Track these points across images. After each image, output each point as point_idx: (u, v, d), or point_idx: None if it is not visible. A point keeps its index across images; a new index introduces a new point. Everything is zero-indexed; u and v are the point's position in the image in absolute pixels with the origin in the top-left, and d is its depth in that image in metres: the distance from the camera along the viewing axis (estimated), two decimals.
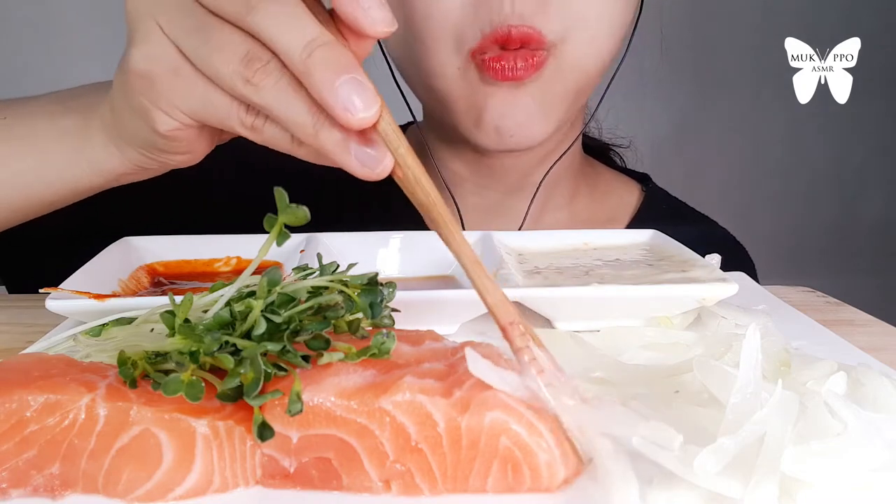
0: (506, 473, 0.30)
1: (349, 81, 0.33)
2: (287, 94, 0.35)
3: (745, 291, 0.48)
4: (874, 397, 0.36)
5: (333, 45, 0.34)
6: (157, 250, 0.54)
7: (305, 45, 0.34)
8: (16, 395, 0.30)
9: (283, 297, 0.33)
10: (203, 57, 0.37)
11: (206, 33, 0.36)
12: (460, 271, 0.54)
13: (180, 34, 0.38)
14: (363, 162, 0.35)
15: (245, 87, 0.36)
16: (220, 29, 0.36)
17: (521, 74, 0.58)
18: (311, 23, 0.35)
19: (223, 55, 0.36)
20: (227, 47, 0.36)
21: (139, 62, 0.39)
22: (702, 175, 1.86)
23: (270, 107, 0.36)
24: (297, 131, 0.36)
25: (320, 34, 0.34)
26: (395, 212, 0.75)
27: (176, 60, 0.38)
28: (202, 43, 0.37)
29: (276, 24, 0.35)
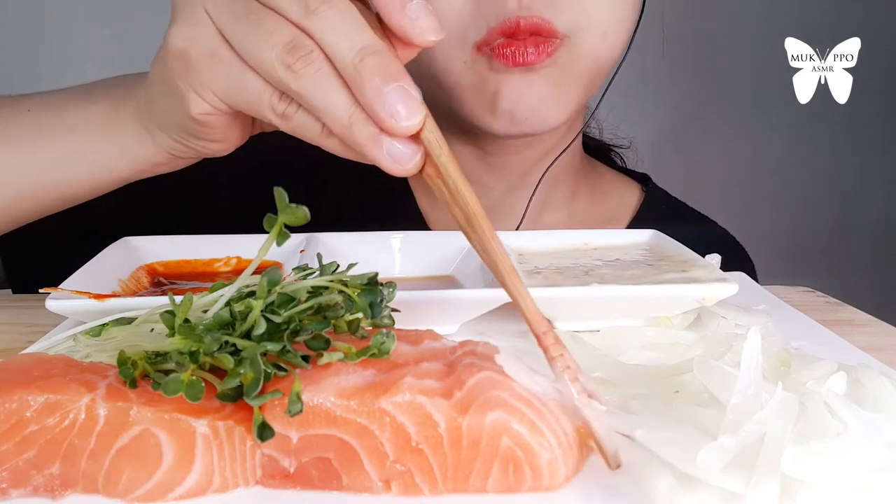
0: (507, 473, 0.30)
1: (397, 90, 0.34)
2: (326, 85, 0.36)
3: (745, 291, 0.48)
4: (874, 397, 0.36)
5: (385, 53, 0.35)
6: (157, 250, 0.54)
7: (358, 51, 0.35)
8: (16, 395, 0.30)
9: (283, 297, 0.33)
10: (246, 40, 0.37)
11: (254, 19, 0.37)
12: (460, 271, 0.55)
13: (226, 18, 0.38)
14: (394, 157, 0.35)
15: (285, 73, 0.36)
16: (270, 17, 0.36)
17: (533, 59, 0.58)
18: (366, 30, 0.35)
19: (268, 40, 0.36)
20: (273, 33, 0.36)
21: (178, 42, 0.39)
22: (702, 175, 1.86)
23: (308, 95, 0.36)
24: (332, 122, 0.36)
25: (373, 42, 0.35)
26: (395, 212, 0.76)
27: (215, 43, 0.38)
28: (248, 27, 0.37)
29: (333, 28, 0.35)
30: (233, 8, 0.38)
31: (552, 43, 0.58)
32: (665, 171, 0.94)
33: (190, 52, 0.39)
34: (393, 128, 0.34)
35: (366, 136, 0.35)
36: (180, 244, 0.54)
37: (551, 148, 0.70)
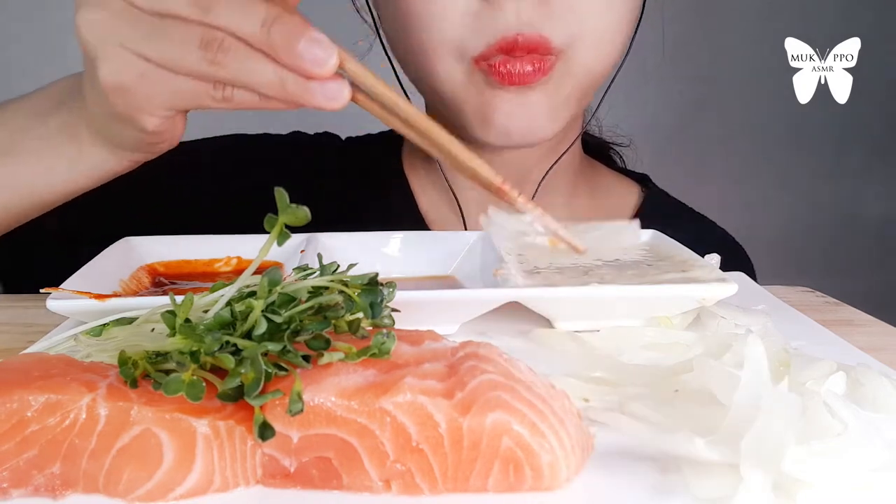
0: (507, 474, 0.30)
1: (308, 42, 0.39)
2: (248, 63, 0.40)
3: (744, 291, 0.48)
4: (874, 397, 0.36)
5: (282, 16, 0.39)
6: (158, 250, 0.54)
7: (261, 26, 0.39)
8: (16, 394, 0.30)
9: (284, 297, 0.33)
10: (165, 54, 0.41)
11: (161, 34, 0.41)
12: (460, 271, 0.55)
13: (139, 42, 0.42)
14: (327, 97, 0.40)
15: (210, 67, 0.41)
16: (173, 26, 0.41)
17: (531, 78, 0.58)
18: (258, 4, 0.39)
19: (183, 47, 0.41)
20: (184, 39, 0.40)
21: (108, 77, 0.43)
22: (702, 174, 1.86)
23: (237, 77, 0.41)
24: (266, 90, 0.41)
25: (268, 12, 0.39)
26: (395, 212, 0.76)
27: (140, 66, 0.42)
28: (161, 43, 0.41)
29: (230, 14, 0.39)
30: (140, 30, 0.41)
31: (548, 60, 0.58)
32: (665, 170, 0.94)
33: (124, 83, 0.43)
34: (318, 74, 0.39)
35: (298, 89, 0.40)
36: (181, 244, 0.54)
37: (551, 148, 0.70)
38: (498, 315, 0.47)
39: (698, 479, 0.30)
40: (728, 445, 0.30)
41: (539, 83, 0.59)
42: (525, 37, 0.56)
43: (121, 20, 0.42)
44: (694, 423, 0.33)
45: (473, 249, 0.55)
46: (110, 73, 0.43)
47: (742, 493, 0.28)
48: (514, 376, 0.32)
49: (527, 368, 0.33)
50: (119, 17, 0.42)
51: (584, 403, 0.37)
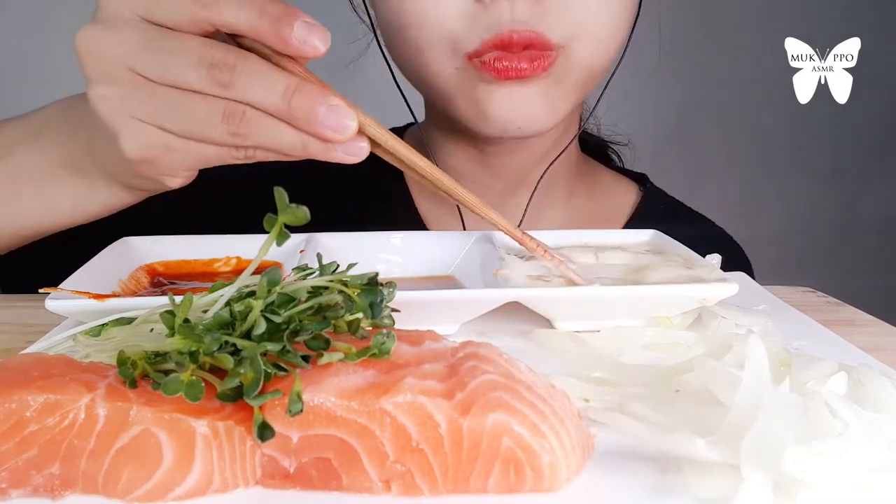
0: (508, 474, 0.30)
1: (328, 112, 0.40)
2: (270, 131, 0.41)
3: (745, 291, 0.48)
4: (875, 397, 0.36)
5: (301, 86, 0.40)
6: (157, 250, 0.54)
7: (282, 97, 0.40)
8: (15, 395, 0.30)
9: (283, 297, 0.33)
10: (188, 127, 0.42)
11: (182, 108, 0.41)
12: (460, 271, 0.55)
13: (159, 117, 0.42)
14: (348, 154, 0.42)
15: (234, 139, 0.42)
16: (193, 101, 0.41)
17: (528, 73, 0.58)
18: (276, 75, 0.40)
19: (206, 121, 0.41)
20: (206, 113, 0.41)
21: (132, 151, 0.44)
22: (701, 174, 1.86)
23: (259, 144, 0.42)
24: (288, 151, 0.42)
25: (288, 82, 0.40)
26: (395, 212, 0.76)
27: (163, 138, 0.43)
28: (181, 117, 0.42)
29: (250, 87, 0.40)
30: (159, 105, 0.42)
31: (547, 56, 0.58)
32: (665, 170, 0.94)
33: (148, 156, 0.44)
34: (338, 140, 0.41)
35: (320, 150, 0.42)
36: (180, 244, 0.54)
37: (549, 148, 0.70)
38: (498, 315, 0.47)
39: (698, 479, 0.30)
40: (728, 445, 0.30)
41: (537, 77, 0.59)
42: (519, 34, 0.56)
43: (137, 95, 0.42)
44: (694, 423, 0.33)
45: (473, 249, 0.55)
46: (133, 147, 0.43)
47: (742, 494, 0.28)
48: (515, 377, 0.32)
49: (527, 369, 0.33)
50: (135, 91, 0.42)
51: (584, 403, 0.37)
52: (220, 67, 0.40)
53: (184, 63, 0.40)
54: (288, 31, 0.39)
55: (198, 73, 0.40)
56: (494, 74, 0.58)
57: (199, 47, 0.40)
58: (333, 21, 0.51)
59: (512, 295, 0.46)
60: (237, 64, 0.40)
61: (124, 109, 0.43)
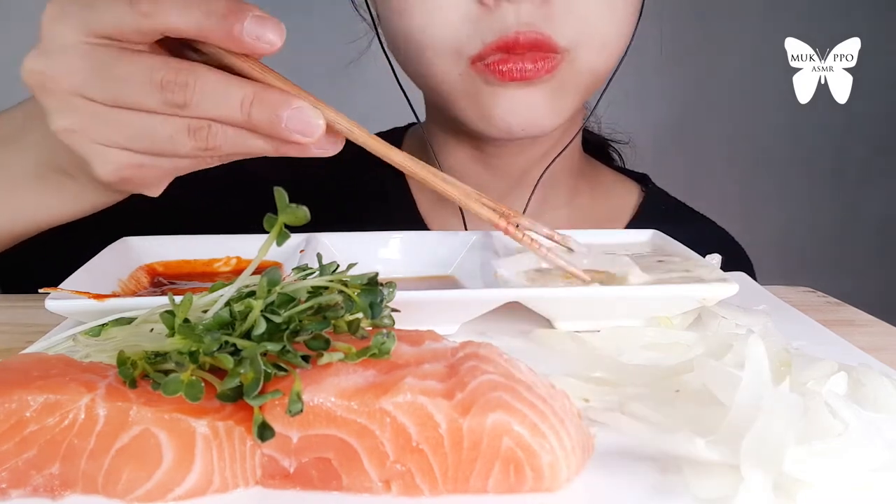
0: (508, 474, 0.30)
1: (292, 117, 0.39)
2: (238, 139, 0.41)
3: (745, 291, 0.48)
4: (875, 397, 0.36)
5: (260, 93, 0.39)
6: (157, 250, 0.54)
7: (240, 108, 0.39)
8: (15, 395, 0.29)
9: (283, 297, 0.33)
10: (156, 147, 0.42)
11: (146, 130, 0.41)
12: (460, 271, 0.55)
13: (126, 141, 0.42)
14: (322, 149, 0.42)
15: (205, 153, 0.42)
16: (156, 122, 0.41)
17: (532, 75, 0.57)
18: (233, 85, 0.39)
19: (173, 139, 0.41)
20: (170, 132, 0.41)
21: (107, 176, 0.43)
22: (702, 174, 1.86)
23: (230, 153, 0.42)
24: (262, 153, 0.42)
25: (244, 91, 0.39)
26: (395, 213, 0.75)
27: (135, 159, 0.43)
28: (148, 139, 0.41)
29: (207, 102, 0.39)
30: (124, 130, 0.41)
31: (552, 59, 0.58)
32: (665, 170, 0.94)
33: (124, 176, 0.44)
34: (306, 141, 0.40)
35: (292, 150, 0.41)
36: (180, 244, 0.54)
37: (550, 148, 0.70)
38: (498, 315, 0.47)
39: (698, 479, 0.30)
40: (728, 445, 0.30)
41: (542, 80, 0.59)
42: (525, 35, 0.56)
43: (97, 122, 0.41)
44: (694, 423, 0.33)
45: (473, 249, 0.55)
46: (106, 172, 0.43)
47: (742, 494, 0.28)
48: (515, 377, 0.32)
49: (527, 369, 0.33)
50: (94, 119, 0.41)
51: (584, 403, 0.37)
52: (173, 88, 0.39)
53: (135, 87, 0.40)
54: (238, 28, 0.38)
55: (151, 95, 0.39)
56: (498, 77, 0.58)
57: (148, 69, 0.39)
58: (334, 20, 0.51)
59: (512, 295, 0.46)
60: (188, 81, 0.39)
61: (89, 139, 0.42)
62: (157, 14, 0.39)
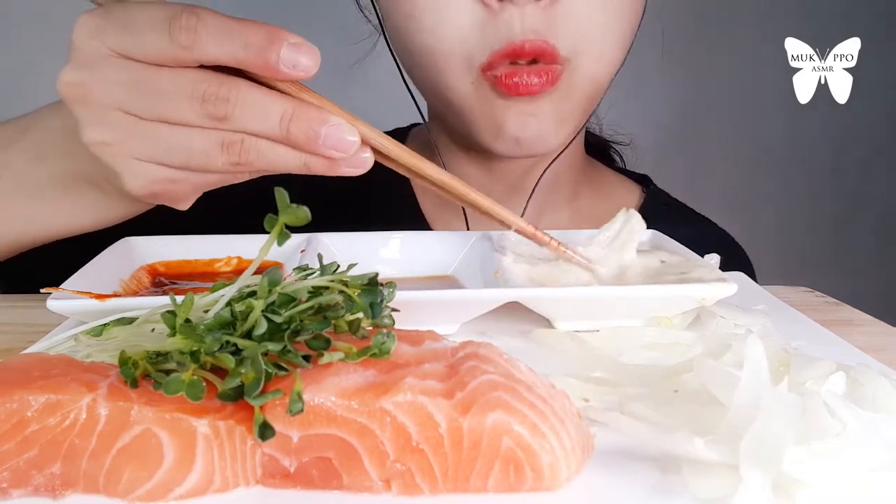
0: (508, 474, 0.30)
1: (328, 134, 0.40)
2: (270, 154, 0.41)
3: (744, 291, 0.48)
4: (873, 397, 0.36)
5: (298, 110, 0.40)
6: (158, 250, 0.54)
7: (279, 125, 0.40)
8: (16, 394, 0.30)
9: (284, 297, 0.33)
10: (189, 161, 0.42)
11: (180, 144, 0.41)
12: (460, 271, 0.55)
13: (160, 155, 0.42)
14: (353, 167, 0.41)
15: (236, 167, 0.42)
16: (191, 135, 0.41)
17: (537, 89, 0.58)
18: (272, 102, 0.40)
19: (206, 154, 0.41)
20: (204, 146, 0.41)
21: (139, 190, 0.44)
22: (701, 174, 1.86)
23: (263, 168, 0.42)
24: (291, 170, 0.41)
25: (284, 108, 0.40)
26: (396, 212, 0.75)
27: (167, 174, 0.43)
28: (181, 153, 0.41)
29: (248, 118, 0.40)
30: (158, 144, 0.41)
31: (555, 70, 0.58)
32: (666, 170, 0.94)
33: (156, 191, 0.44)
34: (341, 156, 0.40)
35: (323, 167, 0.41)
36: (181, 244, 0.54)
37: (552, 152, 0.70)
38: (498, 315, 0.47)
39: (698, 479, 0.30)
40: (728, 445, 0.30)
41: (546, 93, 0.59)
42: (532, 44, 0.56)
43: (135, 136, 0.41)
44: (693, 422, 0.33)
45: (473, 249, 0.55)
46: (137, 186, 0.43)
47: (742, 493, 0.28)
48: (515, 376, 0.32)
49: (527, 368, 0.34)
50: (132, 133, 0.41)
51: (584, 403, 0.37)
52: (214, 101, 0.39)
53: (177, 100, 0.40)
54: (275, 58, 0.38)
55: (192, 109, 0.39)
56: (506, 91, 0.58)
57: (191, 82, 0.39)
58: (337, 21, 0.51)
59: (512, 295, 0.46)
60: (230, 95, 0.39)
61: (124, 152, 0.42)
62: (196, 47, 0.39)
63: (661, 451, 0.33)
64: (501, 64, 0.57)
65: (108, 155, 0.42)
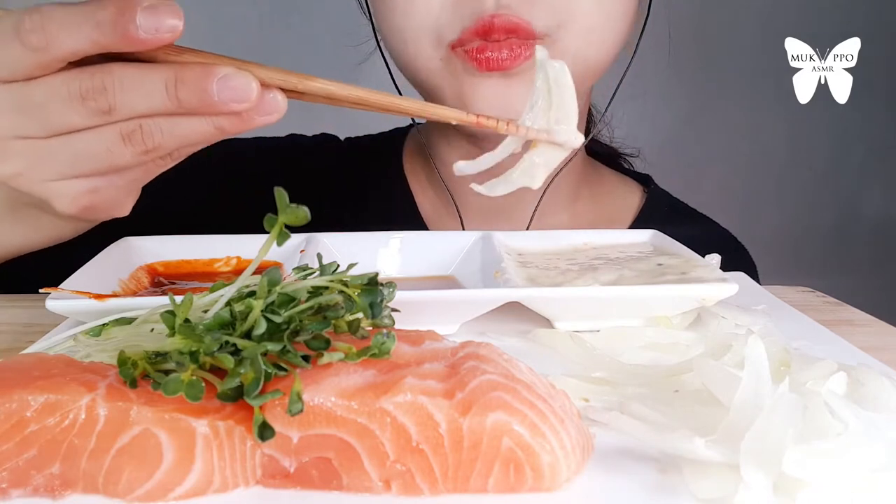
0: (508, 474, 0.30)
1: (219, 88, 0.37)
2: (175, 130, 0.39)
3: (745, 291, 0.48)
4: (874, 397, 0.36)
5: (180, 74, 0.37)
6: (157, 250, 0.54)
7: (168, 97, 0.37)
8: (16, 395, 0.30)
9: (284, 297, 0.33)
10: (101, 164, 0.40)
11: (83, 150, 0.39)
12: (460, 271, 0.55)
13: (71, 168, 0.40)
14: (268, 114, 0.38)
15: (148, 156, 0.40)
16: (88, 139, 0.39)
17: (508, 65, 0.56)
18: (151, 75, 0.37)
19: (112, 151, 0.39)
20: (107, 145, 0.39)
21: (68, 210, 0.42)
22: (702, 174, 1.86)
23: (177, 146, 0.40)
24: (208, 139, 0.39)
25: (165, 76, 0.37)
26: (396, 213, 0.75)
27: (88, 184, 0.41)
28: (89, 160, 0.40)
29: (132, 100, 0.37)
30: (64, 157, 0.40)
31: (528, 46, 0.57)
32: (666, 170, 0.93)
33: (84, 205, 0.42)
34: (245, 107, 0.37)
35: (236, 125, 0.38)
36: (180, 244, 0.54)
37: None
38: (498, 315, 0.47)
39: (698, 479, 0.30)
40: (728, 445, 0.30)
41: (519, 70, 0.57)
42: (502, 19, 0.55)
43: (38, 159, 0.40)
44: (694, 423, 0.33)
45: (473, 249, 0.55)
46: (68, 206, 0.42)
47: (742, 493, 0.28)
48: (515, 377, 0.32)
49: (527, 368, 0.33)
50: (35, 157, 0.40)
51: (584, 403, 0.37)
52: (93, 95, 0.37)
53: (58, 108, 0.38)
54: (133, 29, 0.35)
55: (76, 111, 0.38)
56: (476, 65, 0.57)
57: (63, 84, 0.38)
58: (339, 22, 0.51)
59: (512, 295, 0.46)
60: (105, 83, 0.37)
61: (36, 178, 0.41)
62: (51, 46, 0.36)
63: (661, 451, 0.33)
64: (472, 41, 0.56)
65: (25, 185, 0.41)
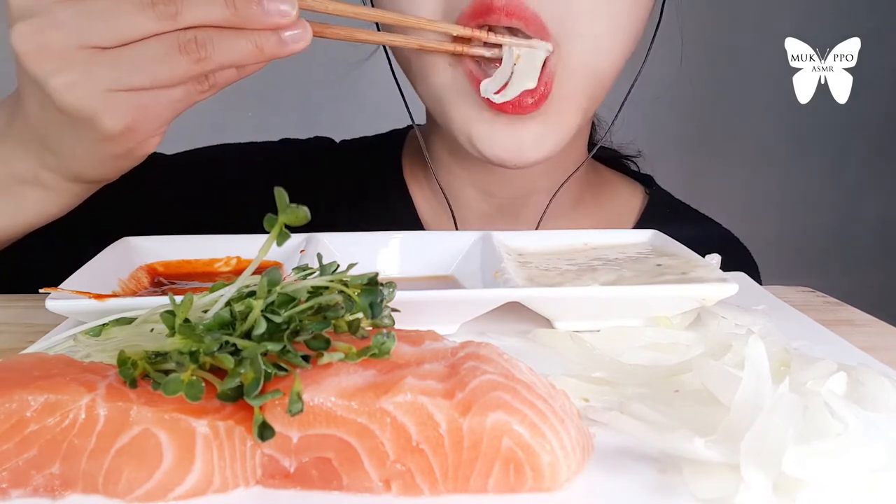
0: (508, 474, 0.30)
1: (267, 2, 0.42)
2: (225, 43, 0.42)
3: (745, 291, 0.48)
4: (874, 397, 0.36)
5: None
6: (157, 250, 0.54)
7: (226, 5, 0.41)
8: (16, 395, 0.30)
9: (283, 297, 0.33)
10: (156, 75, 0.42)
11: (142, 59, 0.42)
12: (460, 271, 0.55)
13: (126, 79, 0.42)
14: (297, 40, 0.43)
15: (197, 66, 0.42)
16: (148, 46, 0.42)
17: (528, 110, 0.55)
18: None
19: (168, 61, 0.42)
20: (165, 54, 0.42)
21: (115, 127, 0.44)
22: (702, 174, 1.86)
23: (222, 63, 0.43)
24: (247, 60, 0.43)
25: None
26: (394, 216, 0.75)
27: (137, 99, 0.43)
28: (146, 68, 0.42)
29: (198, 9, 0.41)
30: (121, 67, 0.42)
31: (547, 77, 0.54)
32: (665, 170, 0.93)
33: (129, 124, 0.44)
34: (288, 23, 0.42)
35: (274, 47, 0.43)
36: (180, 244, 0.54)
37: (558, 159, 0.68)
38: (498, 315, 0.47)
39: (698, 479, 0.30)
40: (728, 445, 0.30)
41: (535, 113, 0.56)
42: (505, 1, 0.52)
43: (100, 66, 0.42)
44: (694, 423, 0.33)
45: (473, 249, 0.55)
46: (114, 121, 0.43)
47: (742, 494, 0.28)
48: (515, 377, 0.32)
49: (527, 368, 0.33)
50: (97, 64, 0.42)
51: (584, 403, 0.37)
52: (162, 1, 0.41)
53: (129, 15, 0.41)
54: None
55: (146, 16, 0.41)
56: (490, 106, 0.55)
57: None
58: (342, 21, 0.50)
59: (512, 295, 0.46)
60: None
61: (94, 88, 0.42)
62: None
63: (661, 451, 0.33)
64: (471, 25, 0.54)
65: (79, 96, 0.42)
